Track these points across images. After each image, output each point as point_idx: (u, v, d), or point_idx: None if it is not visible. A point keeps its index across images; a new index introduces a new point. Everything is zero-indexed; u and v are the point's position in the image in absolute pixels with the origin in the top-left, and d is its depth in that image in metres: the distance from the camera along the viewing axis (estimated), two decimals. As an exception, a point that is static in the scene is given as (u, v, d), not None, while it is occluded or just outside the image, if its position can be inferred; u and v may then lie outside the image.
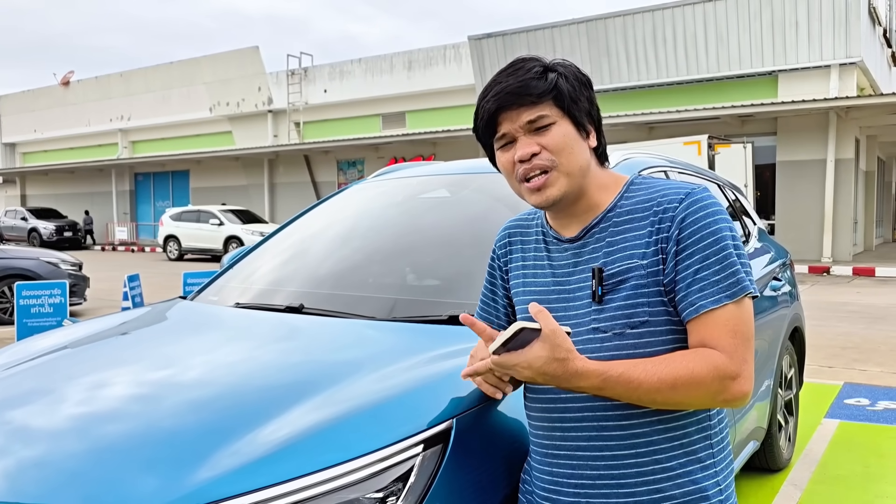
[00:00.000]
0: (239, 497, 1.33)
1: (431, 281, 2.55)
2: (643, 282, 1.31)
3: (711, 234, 1.29)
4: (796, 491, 3.70)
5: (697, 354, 1.26)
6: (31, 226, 28.52)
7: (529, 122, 1.34)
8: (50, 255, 10.37)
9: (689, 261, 1.28)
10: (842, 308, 10.31)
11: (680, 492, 1.32)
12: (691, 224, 1.29)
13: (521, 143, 1.36)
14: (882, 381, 6.02)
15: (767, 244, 4.13)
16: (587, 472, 1.34)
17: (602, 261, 1.35)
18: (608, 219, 1.38)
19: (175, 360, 2.03)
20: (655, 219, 1.33)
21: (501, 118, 1.36)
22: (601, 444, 1.33)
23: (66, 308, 7.44)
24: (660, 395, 1.25)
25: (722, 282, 1.27)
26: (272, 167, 27.47)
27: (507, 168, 1.40)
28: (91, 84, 34.12)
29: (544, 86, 1.34)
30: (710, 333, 1.26)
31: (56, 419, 1.71)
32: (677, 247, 1.29)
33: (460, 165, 3.09)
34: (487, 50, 21.78)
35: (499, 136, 1.38)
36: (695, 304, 1.27)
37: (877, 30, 20.16)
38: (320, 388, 1.65)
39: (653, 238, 1.32)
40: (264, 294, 2.57)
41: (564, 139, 1.35)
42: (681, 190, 1.34)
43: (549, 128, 1.35)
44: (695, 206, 1.30)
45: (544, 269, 1.45)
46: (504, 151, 1.40)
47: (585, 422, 1.34)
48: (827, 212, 17.03)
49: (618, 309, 1.32)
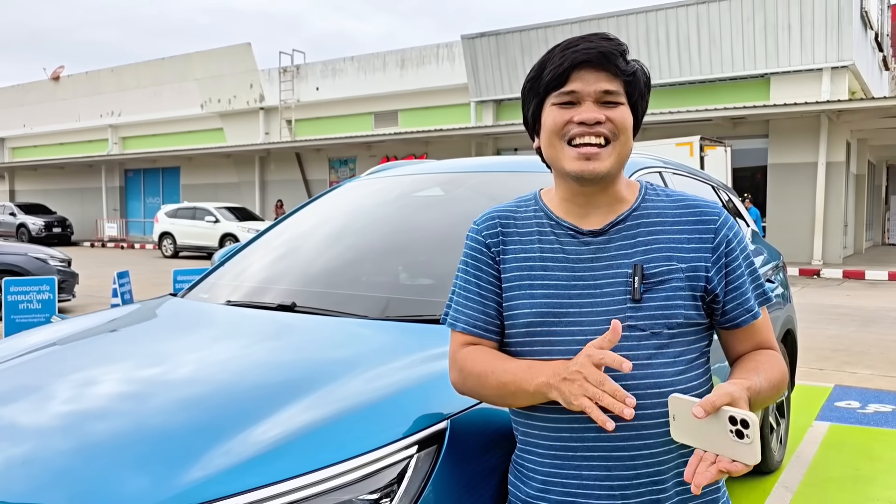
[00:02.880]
0: (231, 497, 1.31)
1: (425, 280, 2.53)
2: (681, 284, 1.33)
3: (744, 248, 1.40)
4: (787, 493, 3.71)
5: (771, 359, 1.38)
6: (19, 221, 28.30)
7: (606, 91, 1.31)
8: (39, 251, 10.29)
9: (739, 272, 1.38)
10: (832, 310, 10.36)
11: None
12: (733, 239, 1.38)
13: (588, 107, 1.31)
14: (872, 384, 6.04)
15: (761, 246, 4.14)
16: (625, 472, 1.31)
17: (637, 259, 1.33)
18: (635, 217, 1.37)
19: (165, 358, 2.01)
20: (693, 227, 1.37)
21: (576, 76, 1.32)
22: (640, 444, 1.31)
23: (55, 304, 7.39)
24: (769, 396, 1.34)
25: (757, 290, 1.42)
26: (263, 165, 27.39)
27: (558, 125, 1.33)
28: (81, 79, 33.90)
29: (627, 67, 1.34)
30: (764, 337, 1.42)
31: (44, 416, 1.69)
32: (726, 259, 1.36)
33: (454, 164, 3.08)
34: (480, 49, 21.77)
35: (566, 90, 1.32)
36: (752, 310, 1.39)
37: (868, 34, 20.28)
38: (313, 387, 1.63)
39: (692, 245, 1.35)
40: (256, 292, 2.55)
41: (628, 121, 1.35)
42: (711, 204, 1.41)
43: (617, 105, 1.33)
44: (730, 223, 1.39)
45: (559, 262, 1.37)
46: (562, 108, 1.33)
47: (624, 422, 1.30)
48: (818, 214, 17.11)
49: (657, 308, 1.31)
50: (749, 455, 1.12)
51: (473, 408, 1.56)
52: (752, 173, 18.25)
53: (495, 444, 1.54)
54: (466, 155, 20.88)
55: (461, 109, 23.91)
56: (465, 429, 1.52)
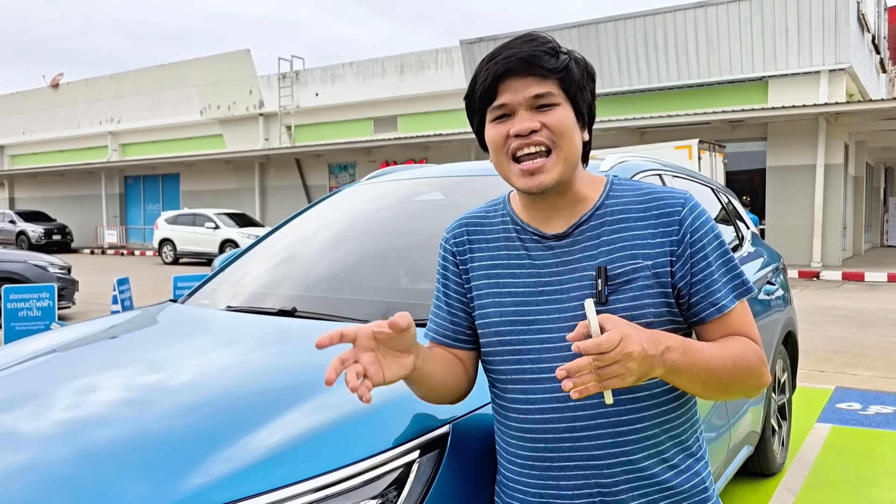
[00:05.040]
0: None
1: (425, 284, 2.52)
2: (648, 282, 1.28)
3: (715, 237, 1.32)
4: (790, 496, 3.70)
5: (740, 341, 1.30)
6: (19, 229, 28.28)
7: (536, 96, 1.26)
8: (38, 259, 10.28)
9: (704, 263, 1.30)
10: (832, 312, 10.35)
11: (688, 486, 1.33)
12: (699, 228, 1.31)
13: (521, 116, 1.27)
14: (873, 386, 6.04)
15: (760, 248, 4.13)
16: (603, 479, 1.29)
17: (601, 260, 1.30)
18: (598, 216, 1.33)
19: (165, 364, 2.00)
20: (657, 221, 1.31)
21: (503, 87, 1.27)
22: (617, 451, 1.29)
23: (55, 311, 7.38)
24: (724, 372, 1.25)
25: (732, 281, 1.32)
26: (263, 170, 27.39)
27: (498, 143, 1.29)
28: (81, 86, 33.93)
29: (556, 63, 1.27)
30: (737, 327, 1.32)
31: (44, 424, 1.68)
32: (692, 249, 1.29)
33: (454, 168, 3.08)
34: (479, 54, 21.79)
35: (497, 104, 1.28)
36: (717, 303, 1.30)
37: (865, 36, 20.31)
38: (314, 392, 1.63)
39: (657, 240, 1.30)
40: (256, 297, 2.55)
41: (567, 122, 1.28)
42: (676, 194, 1.34)
43: (553, 108, 1.27)
44: (697, 211, 1.32)
45: (525, 268, 1.34)
46: (498, 124, 1.30)
47: (600, 429, 1.28)
48: (816, 217, 17.11)
49: (624, 310, 1.27)
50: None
51: (475, 412, 1.55)
52: (751, 176, 18.27)
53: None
54: (466, 160, 20.88)
55: (460, 114, 23.85)
56: (466, 433, 1.51)
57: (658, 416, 1.31)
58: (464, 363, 1.44)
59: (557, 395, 1.29)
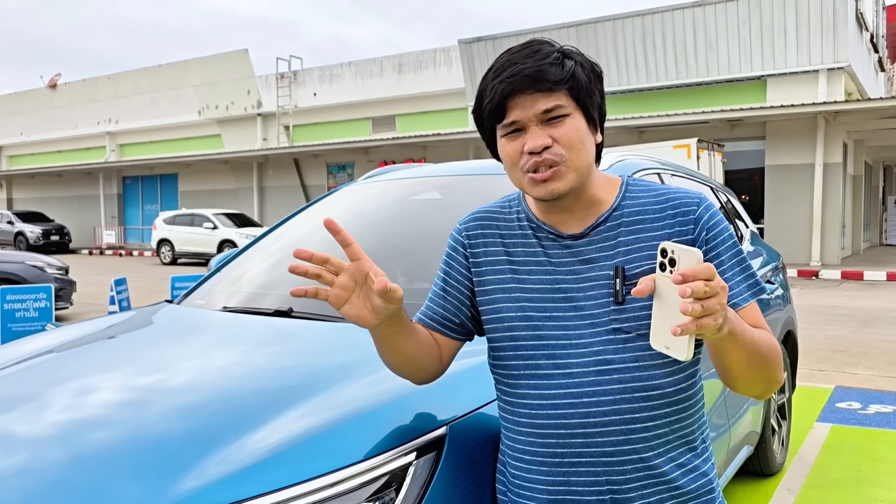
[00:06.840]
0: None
1: (423, 283, 2.51)
2: None
3: (729, 236, 1.33)
4: (790, 496, 3.69)
5: (764, 332, 1.29)
6: (17, 229, 28.25)
7: (545, 111, 1.26)
8: (36, 259, 10.27)
9: (719, 261, 1.30)
10: (831, 311, 10.35)
11: (695, 485, 1.34)
12: (713, 227, 1.32)
13: (533, 133, 1.27)
14: (873, 385, 6.03)
15: (760, 247, 4.13)
16: (614, 477, 1.29)
17: (618, 260, 1.30)
18: (615, 217, 1.34)
19: (162, 365, 1.98)
20: (672, 221, 1.32)
21: (512, 104, 1.27)
22: (628, 448, 1.29)
23: (52, 312, 7.37)
24: (763, 350, 1.24)
25: (746, 280, 1.33)
26: (261, 170, 27.37)
27: (513, 158, 1.31)
28: (79, 86, 33.90)
29: (562, 73, 1.26)
30: (751, 325, 1.29)
31: (39, 425, 1.67)
32: (707, 247, 1.30)
33: (452, 167, 3.06)
34: (477, 54, 21.78)
35: (507, 122, 1.29)
36: (732, 300, 1.29)
37: (864, 35, 20.32)
38: (311, 393, 1.61)
39: (673, 239, 1.30)
40: (253, 297, 2.53)
41: (577, 133, 1.28)
42: (691, 194, 1.35)
43: (563, 119, 1.27)
44: (711, 211, 1.33)
45: (542, 265, 1.35)
46: (511, 139, 1.31)
47: (612, 426, 1.28)
48: (815, 216, 17.12)
49: (641, 309, 1.27)
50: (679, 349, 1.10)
51: (472, 413, 1.54)
52: (750, 175, 18.26)
53: (495, 449, 1.52)
54: (464, 159, 20.87)
55: (458, 114, 23.92)
56: (464, 434, 1.50)
57: (669, 414, 1.31)
58: (440, 348, 1.44)
59: (571, 390, 1.29)
